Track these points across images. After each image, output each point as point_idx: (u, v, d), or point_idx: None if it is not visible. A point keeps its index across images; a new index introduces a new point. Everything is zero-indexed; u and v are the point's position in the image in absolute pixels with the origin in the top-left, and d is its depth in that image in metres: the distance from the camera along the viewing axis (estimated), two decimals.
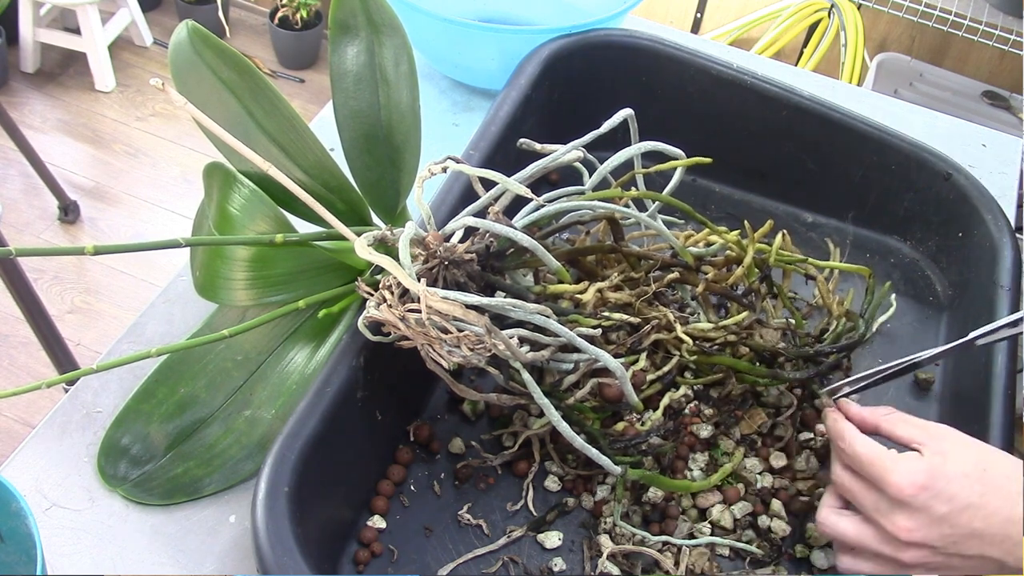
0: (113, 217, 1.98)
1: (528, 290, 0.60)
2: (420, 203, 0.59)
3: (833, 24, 1.86)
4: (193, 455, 0.61)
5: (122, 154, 2.12)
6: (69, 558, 0.57)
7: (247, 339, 0.63)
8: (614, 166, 0.67)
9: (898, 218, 0.82)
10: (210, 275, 0.58)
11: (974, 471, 0.49)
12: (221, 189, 0.59)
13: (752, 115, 0.81)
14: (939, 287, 0.80)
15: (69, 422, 0.63)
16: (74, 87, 2.25)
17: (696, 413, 0.66)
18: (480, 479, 0.63)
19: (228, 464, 0.60)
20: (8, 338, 1.71)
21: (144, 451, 0.61)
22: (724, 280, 0.67)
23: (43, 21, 2.22)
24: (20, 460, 0.61)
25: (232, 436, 0.61)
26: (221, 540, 0.58)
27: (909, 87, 1.77)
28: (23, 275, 1.27)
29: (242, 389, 0.62)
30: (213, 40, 0.60)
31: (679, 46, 0.81)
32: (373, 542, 0.59)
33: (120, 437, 0.61)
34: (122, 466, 0.60)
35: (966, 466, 0.50)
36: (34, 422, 1.57)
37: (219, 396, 0.62)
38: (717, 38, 1.93)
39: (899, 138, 0.78)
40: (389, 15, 0.66)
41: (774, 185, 0.85)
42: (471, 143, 0.71)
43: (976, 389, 0.65)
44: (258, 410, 0.61)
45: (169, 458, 0.61)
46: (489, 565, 0.59)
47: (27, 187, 1.98)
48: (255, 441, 0.60)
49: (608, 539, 0.60)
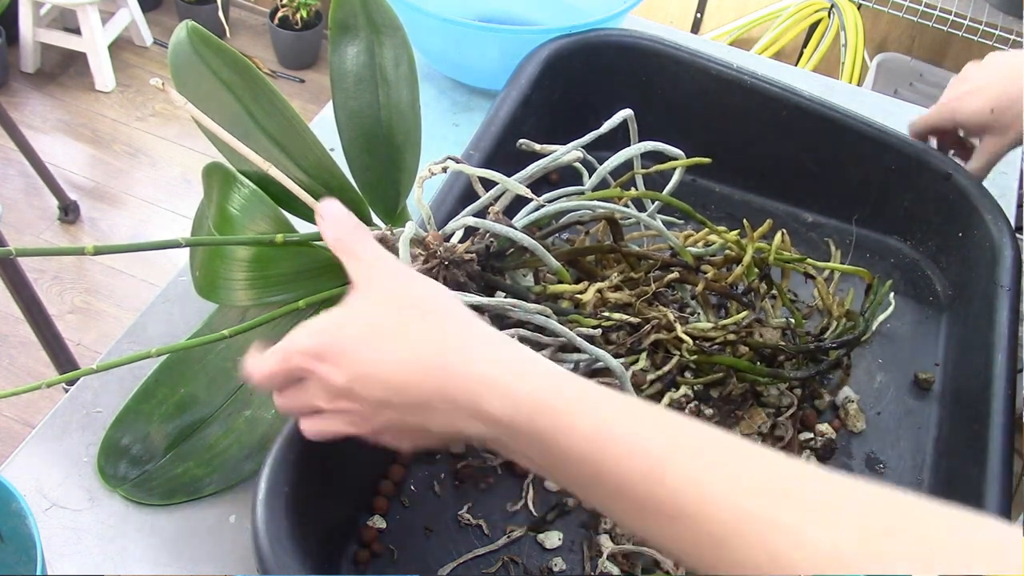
0: (113, 217, 1.98)
1: (528, 290, 0.60)
2: (420, 203, 0.59)
3: (833, 24, 1.86)
4: (193, 455, 0.61)
5: (122, 154, 2.12)
6: (69, 558, 0.57)
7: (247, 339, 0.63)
8: (614, 166, 0.67)
9: (898, 218, 0.82)
10: (210, 275, 0.58)
11: (369, 330, 0.44)
12: (221, 189, 0.59)
13: (752, 115, 0.81)
14: (939, 287, 0.80)
15: (69, 422, 0.63)
16: (74, 87, 2.25)
17: (696, 413, 0.66)
18: (480, 479, 0.63)
19: (228, 464, 0.60)
20: (8, 338, 1.71)
21: (144, 451, 0.61)
22: (724, 279, 0.67)
23: (43, 21, 2.22)
24: (20, 460, 0.61)
25: (232, 436, 0.61)
26: (221, 540, 0.58)
27: (909, 87, 1.77)
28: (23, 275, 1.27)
29: (242, 389, 0.62)
30: (213, 40, 0.60)
31: (679, 46, 0.81)
32: (373, 542, 0.59)
33: (120, 437, 0.61)
34: (122, 466, 0.60)
35: (368, 327, 0.44)
36: (34, 422, 1.57)
37: (219, 396, 0.62)
38: (717, 38, 1.93)
39: (899, 138, 0.78)
40: (389, 15, 0.66)
41: (774, 185, 0.85)
42: (471, 143, 0.71)
43: (976, 389, 0.65)
44: (258, 410, 0.61)
45: (169, 458, 0.61)
46: (489, 565, 0.59)
47: (27, 187, 1.98)
48: (255, 441, 0.60)
49: (608, 539, 0.60)
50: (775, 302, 0.71)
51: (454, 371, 0.42)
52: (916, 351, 0.75)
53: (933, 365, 0.74)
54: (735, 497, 0.36)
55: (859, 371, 0.73)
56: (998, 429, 0.61)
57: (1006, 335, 0.66)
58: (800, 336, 0.68)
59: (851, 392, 0.70)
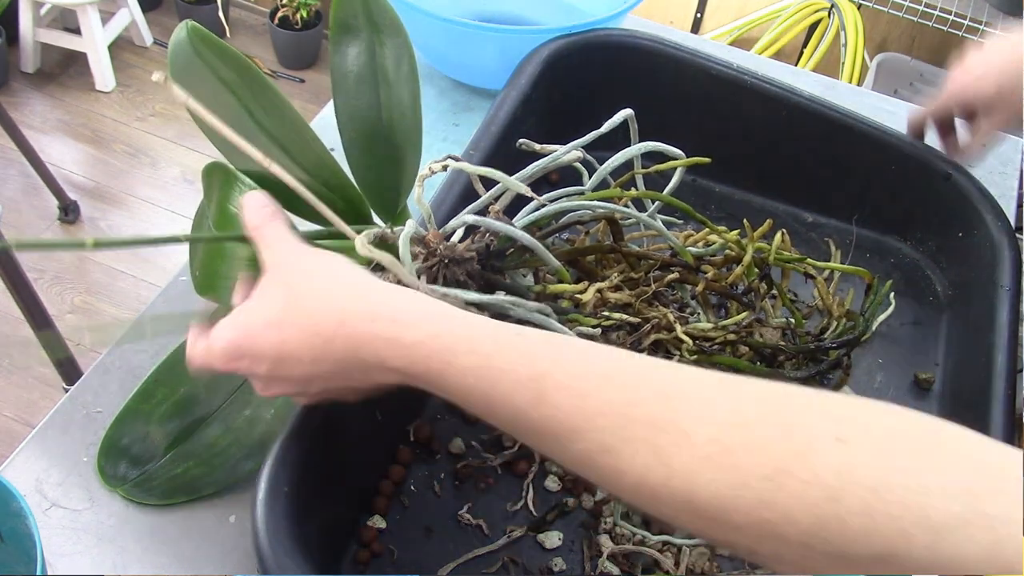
0: (113, 217, 1.98)
1: (528, 289, 0.60)
2: (420, 202, 0.58)
3: (833, 24, 1.86)
4: (193, 455, 0.61)
5: (122, 154, 2.11)
6: (69, 558, 0.57)
7: None
8: (614, 166, 0.66)
9: (898, 218, 0.82)
10: (210, 274, 0.58)
11: (272, 316, 0.45)
12: (221, 188, 0.59)
13: (752, 115, 0.81)
14: (939, 287, 0.80)
15: (69, 422, 0.63)
16: (74, 87, 2.25)
17: None
18: (480, 479, 0.63)
19: (228, 464, 0.60)
20: (8, 338, 1.71)
21: (144, 451, 0.61)
22: (724, 279, 0.67)
23: (43, 21, 2.22)
24: (20, 460, 0.61)
25: (232, 436, 0.61)
26: (221, 540, 0.58)
27: (909, 87, 1.77)
28: (23, 275, 1.27)
29: (242, 389, 0.62)
30: (213, 40, 0.60)
31: (679, 46, 0.81)
32: (373, 542, 0.59)
33: (120, 437, 0.61)
34: (122, 466, 0.60)
35: (269, 313, 0.46)
36: (34, 422, 1.57)
37: (219, 396, 0.62)
38: (717, 38, 1.93)
39: (899, 138, 0.78)
40: (390, 15, 0.66)
41: (774, 185, 0.85)
42: (471, 143, 0.71)
43: (976, 389, 0.65)
44: (258, 409, 0.61)
45: (169, 458, 0.61)
46: (489, 565, 0.59)
47: (27, 187, 1.98)
48: (255, 441, 0.60)
49: (608, 539, 0.60)
50: (775, 302, 0.71)
51: (353, 333, 0.44)
52: (916, 351, 0.75)
53: (933, 365, 0.74)
54: (617, 407, 0.38)
55: (859, 371, 0.73)
56: (998, 429, 0.61)
57: (1006, 335, 0.66)
58: (800, 336, 0.68)
59: (851, 392, 0.70)
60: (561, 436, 0.40)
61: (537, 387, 0.40)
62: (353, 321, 0.44)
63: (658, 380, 0.39)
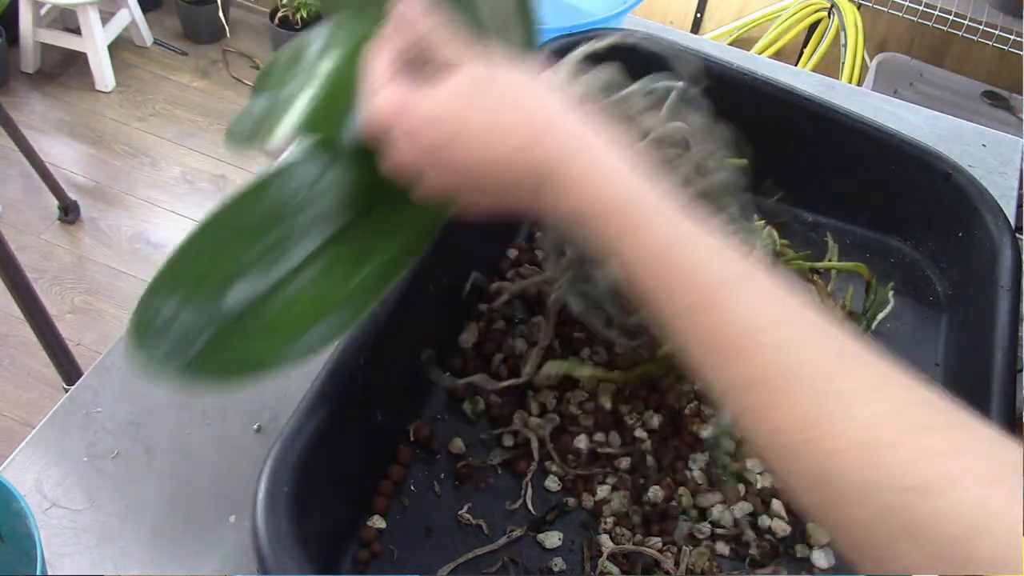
0: (113, 217, 1.98)
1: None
2: None
3: (833, 24, 1.86)
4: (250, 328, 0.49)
5: (122, 154, 2.11)
6: (69, 558, 0.57)
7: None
8: None
9: (898, 218, 0.82)
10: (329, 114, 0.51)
11: (447, 118, 0.44)
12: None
13: (751, 115, 0.81)
14: (939, 287, 0.80)
15: (69, 422, 0.63)
16: (74, 87, 2.25)
17: (696, 413, 0.66)
18: (480, 479, 0.63)
19: (292, 336, 0.49)
20: (8, 338, 1.71)
21: (191, 323, 0.49)
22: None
23: (43, 21, 2.22)
24: (20, 460, 0.61)
25: (297, 305, 0.50)
26: (221, 540, 0.58)
27: (909, 87, 1.77)
28: (23, 275, 1.27)
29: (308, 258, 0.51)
30: None
31: (679, 46, 0.81)
32: (373, 542, 0.59)
33: (154, 314, 0.48)
34: (162, 347, 0.48)
35: (443, 111, 0.44)
36: (34, 422, 1.57)
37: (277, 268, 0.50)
38: (717, 38, 1.93)
39: (899, 138, 0.78)
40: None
41: (774, 185, 0.84)
42: None
43: (976, 389, 0.65)
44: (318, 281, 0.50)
45: (219, 334, 0.49)
46: (489, 565, 0.59)
47: (27, 187, 1.97)
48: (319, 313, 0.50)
49: (608, 539, 0.60)
50: None
51: (556, 143, 0.43)
52: (916, 351, 0.75)
53: (933, 365, 0.74)
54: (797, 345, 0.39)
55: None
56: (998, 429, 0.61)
57: (1006, 335, 0.66)
58: None
59: None
60: (728, 352, 0.39)
61: (714, 291, 0.39)
62: (557, 157, 0.42)
63: (844, 351, 0.41)
